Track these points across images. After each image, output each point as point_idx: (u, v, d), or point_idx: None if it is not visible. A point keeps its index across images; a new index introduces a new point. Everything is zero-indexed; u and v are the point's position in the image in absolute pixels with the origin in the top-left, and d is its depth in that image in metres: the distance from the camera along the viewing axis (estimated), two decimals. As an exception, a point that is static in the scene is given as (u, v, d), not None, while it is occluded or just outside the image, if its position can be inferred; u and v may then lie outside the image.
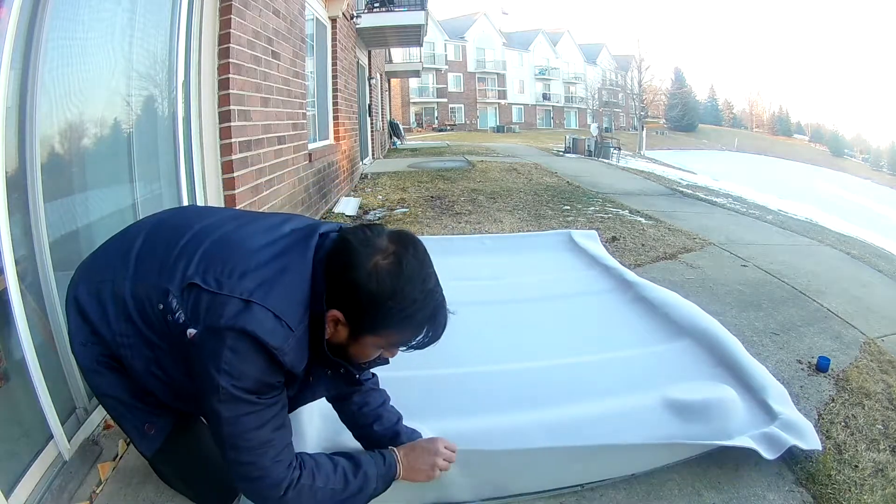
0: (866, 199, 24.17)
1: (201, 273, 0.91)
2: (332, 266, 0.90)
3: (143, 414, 1.11)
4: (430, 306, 0.91)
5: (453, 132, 33.01)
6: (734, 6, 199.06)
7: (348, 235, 0.92)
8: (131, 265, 1.02)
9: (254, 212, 1.15)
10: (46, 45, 1.38)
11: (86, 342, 1.05)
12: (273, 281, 0.89)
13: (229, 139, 2.50)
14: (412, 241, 0.93)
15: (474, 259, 3.11)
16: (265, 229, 1.00)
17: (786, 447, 1.36)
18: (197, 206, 1.15)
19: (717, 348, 1.87)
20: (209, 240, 0.97)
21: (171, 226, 1.07)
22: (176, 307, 0.92)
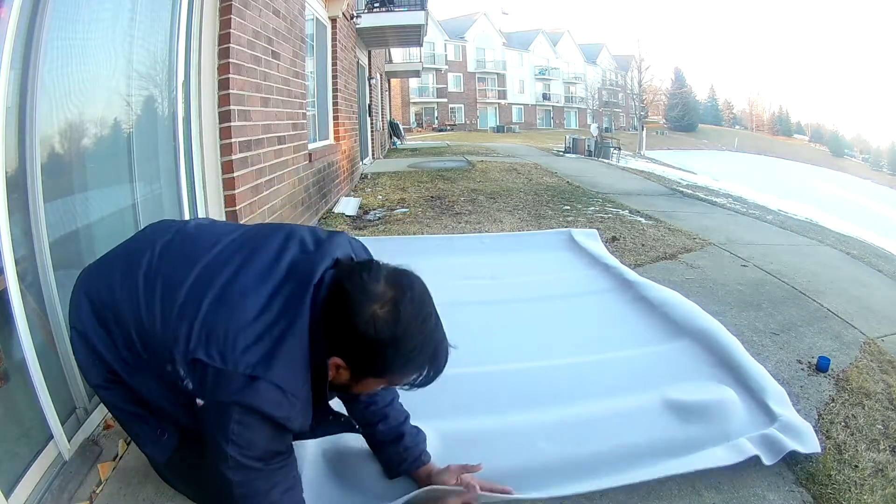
0: (866, 199, 24.17)
1: (204, 344, 0.90)
2: (331, 317, 0.90)
3: (156, 421, 1.12)
4: (430, 348, 0.92)
5: (453, 132, 33.02)
6: (734, 6, 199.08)
7: (344, 282, 0.91)
8: (137, 300, 1.01)
9: (252, 232, 1.11)
10: (46, 45, 1.38)
11: (92, 364, 1.08)
12: (274, 352, 0.89)
13: (229, 139, 2.50)
14: (409, 282, 0.92)
15: (474, 258, 3.11)
16: (262, 273, 0.97)
17: (785, 452, 1.36)
18: (199, 226, 1.11)
19: (717, 348, 1.87)
20: (210, 296, 0.95)
21: (176, 255, 1.06)
22: (184, 375, 0.93)
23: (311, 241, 1.04)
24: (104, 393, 1.12)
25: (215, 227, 1.17)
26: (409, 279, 0.93)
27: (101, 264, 1.13)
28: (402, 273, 0.94)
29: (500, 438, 1.41)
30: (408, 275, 0.94)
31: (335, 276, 0.94)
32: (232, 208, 2.54)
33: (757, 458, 1.35)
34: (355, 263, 0.97)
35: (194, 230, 1.13)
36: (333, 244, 1.03)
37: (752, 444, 1.37)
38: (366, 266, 0.93)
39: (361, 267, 0.93)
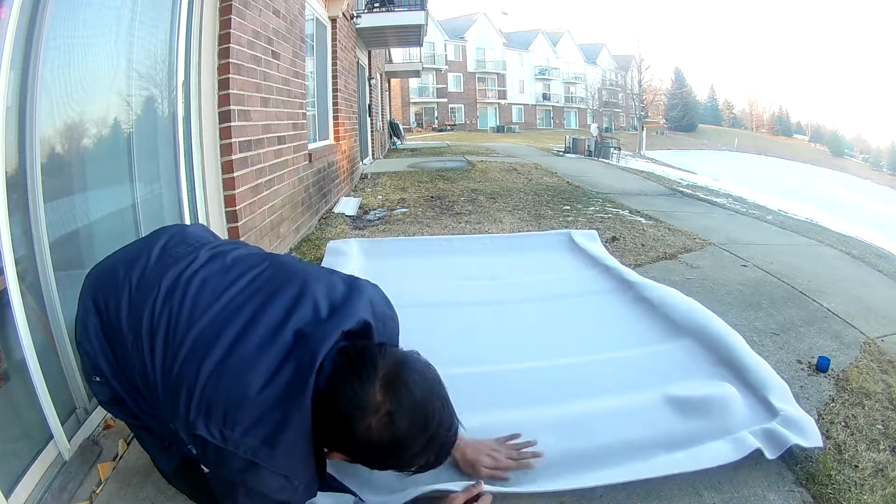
0: (866, 199, 24.17)
1: (204, 418, 0.86)
2: (326, 421, 0.88)
3: (164, 435, 1.11)
4: (433, 447, 0.89)
5: (453, 132, 33.03)
6: (734, 6, 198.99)
7: (337, 392, 0.86)
8: (140, 343, 0.97)
9: (267, 276, 1.04)
10: (46, 45, 1.38)
11: (100, 381, 1.06)
12: (276, 439, 0.86)
13: (229, 139, 2.50)
14: (408, 383, 0.87)
15: (474, 259, 3.10)
16: (267, 338, 0.91)
17: (787, 446, 1.35)
18: (214, 259, 1.09)
19: (718, 346, 1.87)
20: (210, 361, 0.89)
21: (183, 298, 0.99)
22: (187, 441, 0.91)
23: (325, 306, 0.97)
24: (113, 408, 1.11)
25: (231, 265, 1.07)
26: (409, 376, 0.87)
27: (111, 278, 1.07)
28: (401, 369, 0.88)
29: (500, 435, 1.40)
30: (407, 369, 0.89)
31: (331, 377, 0.88)
32: (232, 208, 2.54)
33: (758, 455, 1.34)
34: (353, 357, 0.90)
35: (209, 268, 1.05)
36: (348, 312, 0.97)
37: (754, 438, 1.37)
38: (361, 365, 0.87)
39: (356, 367, 0.87)
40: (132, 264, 1.07)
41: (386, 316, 1.10)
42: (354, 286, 1.04)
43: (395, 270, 2.83)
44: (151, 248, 1.10)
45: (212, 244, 1.15)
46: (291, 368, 0.88)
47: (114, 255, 1.16)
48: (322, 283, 1.02)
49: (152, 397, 0.97)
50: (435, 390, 0.89)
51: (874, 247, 5.03)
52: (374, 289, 1.10)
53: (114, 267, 1.09)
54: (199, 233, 1.23)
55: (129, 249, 1.14)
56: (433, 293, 2.47)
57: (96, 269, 1.13)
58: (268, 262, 1.08)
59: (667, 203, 5.72)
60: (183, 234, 1.18)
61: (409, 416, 0.84)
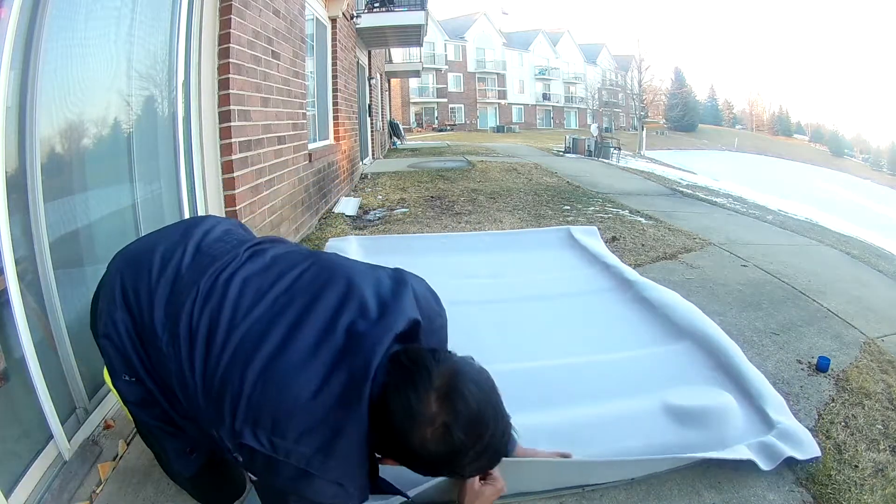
0: (866, 199, 24.17)
1: (251, 427, 0.82)
2: (381, 430, 0.84)
3: (189, 440, 1.09)
4: (488, 454, 0.86)
5: (453, 132, 33.01)
6: (734, 6, 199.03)
7: (391, 401, 0.82)
8: (179, 348, 0.92)
9: (311, 275, 0.98)
10: (46, 45, 1.38)
11: (132, 380, 1.02)
12: (331, 447, 0.82)
13: (229, 139, 2.50)
14: (464, 392, 0.82)
15: (474, 257, 3.10)
16: (317, 341, 0.87)
17: (782, 458, 1.36)
18: (256, 256, 1.04)
19: (717, 352, 1.87)
20: (255, 366, 0.85)
21: (223, 298, 0.95)
22: (232, 449, 0.86)
23: (375, 304, 0.93)
24: (137, 410, 1.06)
25: (271, 263, 1.02)
26: (464, 386, 0.83)
27: (142, 273, 1.01)
28: (456, 378, 0.84)
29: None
30: (463, 378, 0.84)
31: (384, 386, 0.83)
32: (232, 208, 2.54)
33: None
34: (406, 366, 0.85)
35: (248, 267, 1.01)
36: (398, 310, 0.93)
37: (749, 451, 1.37)
38: (415, 374, 0.83)
39: (410, 377, 0.83)
40: (166, 261, 1.02)
41: (433, 312, 1.06)
42: (401, 281, 1.00)
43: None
44: (186, 245, 1.05)
45: (250, 241, 1.10)
46: (345, 374, 0.84)
47: (142, 245, 1.10)
48: (369, 279, 0.98)
49: (190, 402, 0.93)
50: (490, 398, 0.85)
51: (874, 247, 5.03)
52: (420, 282, 1.07)
53: (145, 261, 1.03)
54: (235, 228, 1.19)
55: (160, 242, 1.07)
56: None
57: (124, 260, 1.06)
58: (311, 259, 1.04)
59: (667, 203, 5.72)
60: (218, 229, 1.13)
61: (464, 427, 0.81)
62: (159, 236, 1.12)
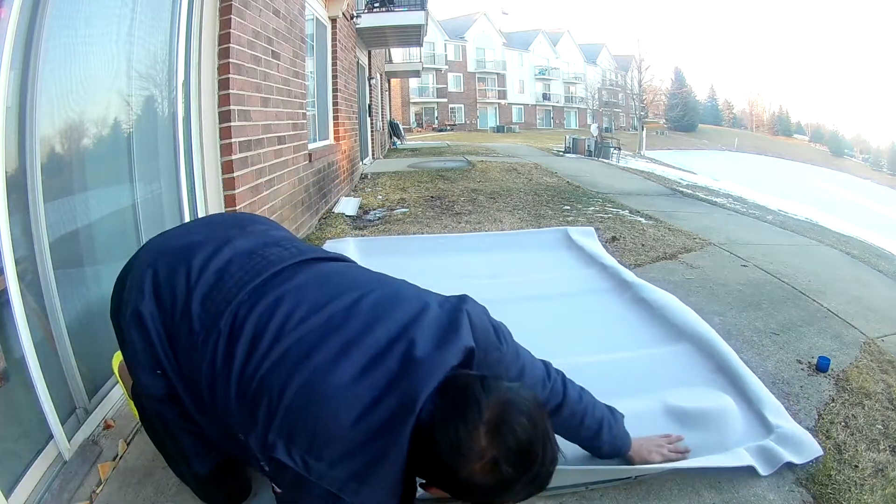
0: (866, 199, 24.17)
1: (285, 441, 0.79)
2: (426, 464, 0.82)
3: (205, 436, 1.07)
4: (535, 485, 0.83)
5: (453, 132, 33.02)
6: (734, 6, 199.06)
7: (438, 433, 0.79)
8: (216, 343, 0.90)
9: (375, 297, 0.95)
10: (46, 45, 1.38)
11: (156, 373, 0.99)
12: (367, 475, 0.80)
13: (229, 139, 2.50)
14: (511, 427, 0.78)
15: (472, 257, 3.10)
16: (370, 363, 0.84)
17: (781, 463, 1.36)
18: (319, 268, 1.03)
19: (715, 355, 1.87)
20: (299, 378, 0.82)
21: (273, 304, 0.92)
22: (260, 458, 0.84)
23: (433, 334, 0.89)
24: (158, 405, 1.02)
25: (330, 279, 1.01)
26: (514, 419, 0.79)
27: (180, 267, 0.99)
28: (506, 410, 0.80)
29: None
30: (513, 410, 0.80)
31: (432, 416, 0.80)
32: (232, 208, 2.54)
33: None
34: (454, 397, 0.82)
35: (305, 279, 0.98)
36: (455, 339, 0.90)
37: (749, 455, 1.37)
38: (464, 407, 0.80)
39: (459, 410, 0.80)
40: (210, 256, 0.99)
41: (490, 344, 1.01)
42: (460, 309, 0.96)
43: (392, 269, 2.79)
44: (234, 244, 1.03)
45: (313, 253, 1.07)
46: (394, 402, 0.81)
47: (183, 238, 1.07)
48: (432, 309, 0.95)
49: (218, 403, 0.90)
50: (538, 428, 0.82)
51: (874, 247, 5.03)
52: (480, 312, 1.02)
53: (185, 256, 1.00)
54: (293, 238, 1.15)
55: (204, 236, 1.05)
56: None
57: (160, 253, 1.04)
58: (375, 282, 1.01)
59: (667, 203, 5.72)
60: (277, 234, 1.11)
61: (514, 460, 0.78)
62: (197, 230, 1.09)
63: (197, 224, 1.15)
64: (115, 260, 1.83)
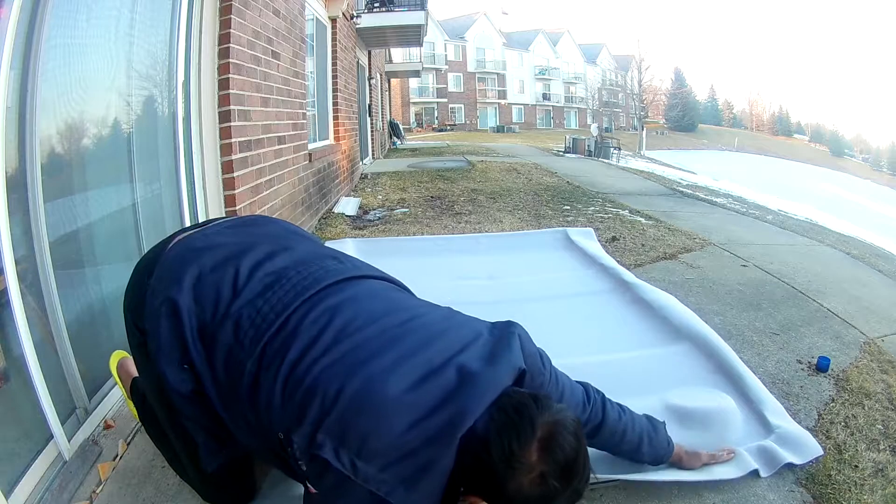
0: (866, 199, 24.17)
1: (334, 442, 0.80)
2: (474, 473, 0.85)
3: (224, 438, 1.07)
4: (573, 499, 0.88)
5: (453, 132, 33.01)
6: (734, 6, 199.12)
7: (492, 449, 0.82)
8: (270, 338, 0.91)
9: (431, 318, 1.01)
10: (46, 45, 1.38)
11: (184, 367, 0.98)
12: (414, 480, 0.82)
13: (229, 139, 2.50)
14: (560, 445, 0.84)
15: (471, 258, 3.10)
16: (425, 375, 0.87)
17: (781, 464, 1.36)
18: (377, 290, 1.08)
19: (715, 355, 1.87)
20: (355, 384, 0.83)
21: (336, 308, 0.95)
22: (298, 456, 0.85)
23: (490, 353, 0.94)
24: (179, 399, 1.01)
25: (389, 297, 1.06)
26: (564, 438, 0.85)
27: (227, 270, 1.00)
28: (557, 429, 0.85)
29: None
30: (562, 430, 0.85)
31: (486, 429, 0.84)
32: (232, 208, 2.54)
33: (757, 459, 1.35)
34: (510, 414, 0.86)
35: (369, 291, 1.03)
36: (509, 359, 0.94)
37: (750, 457, 1.37)
38: (519, 423, 0.84)
39: (514, 425, 0.84)
40: (261, 260, 1.02)
41: (536, 370, 1.07)
42: (510, 332, 1.03)
43: (391, 270, 2.79)
44: (290, 251, 1.06)
45: (370, 268, 1.14)
46: (447, 414, 0.84)
47: (220, 237, 1.08)
48: (484, 330, 1.02)
49: (257, 400, 0.90)
50: (581, 448, 0.87)
51: (874, 247, 5.03)
52: (528, 339, 1.10)
53: (232, 256, 1.02)
54: (335, 250, 1.19)
55: (250, 240, 1.07)
56: (429, 293, 2.45)
57: (208, 247, 1.04)
58: (428, 307, 1.07)
59: (667, 203, 5.72)
60: (320, 246, 1.16)
61: (559, 476, 0.84)
62: (247, 234, 1.11)
63: (239, 225, 1.15)
64: (115, 260, 1.83)
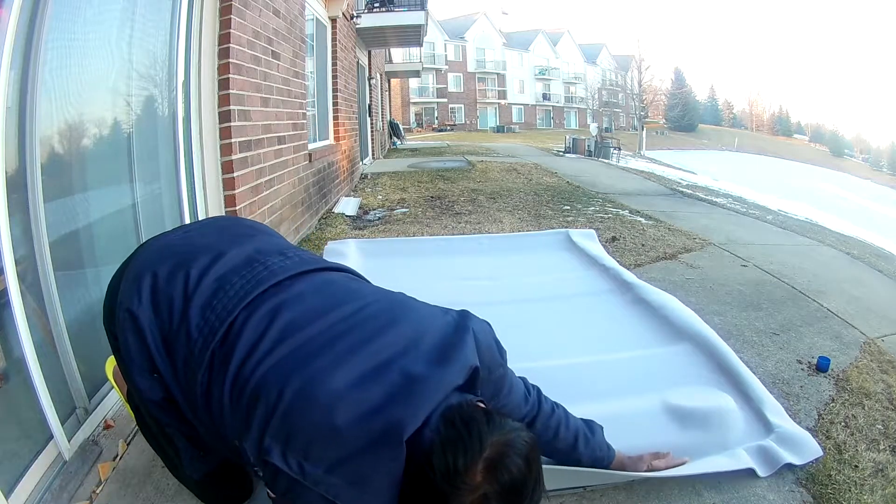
0: (866, 199, 24.18)
1: (280, 445, 0.79)
2: (417, 487, 0.81)
3: (201, 440, 1.06)
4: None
5: (453, 132, 33.02)
6: (734, 6, 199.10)
7: (434, 464, 0.78)
8: (215, 347, 0.89)
9: (372, 310, 0.95)
10: (46, 45, 1.38)
11: (153, 377, 0.98)
12: (362, 483, 0.79)
13: (229, 139, 2.50)
14: (507, 468, 0.78)
15: (472, 259, 3.10)
16: (370, 373, 0.84)
17: (781, 464, 1.36)
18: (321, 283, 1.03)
19: (715, 355, 1.87)
20: (294, 384, 0.81)
21: (274, 309, 0.92)
22: (253, 461, 0.83)
23: (437, 350, 0.90)
24: (154, 408, 1.01)
25: (332, 289, 1.01)
26: (512, 461, 0.79)
27: (178, 274, 0.98)
28: (506, 450, 0.80)
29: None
30: (512, 452, 0.80)
31: (432, 442, 0.80)
32: (232, 208, 2.54)
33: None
34: (458, 428, 0.81)
35: (305, 287, 0.99)
36: (460, 358, 0.90)
37: (748, 456, 1.37)
38: (466, 439, 0.79)
39: (461, 441, 0.79)
40: (209, 264, 0.99)
41: (494, 362, 1.02)
42: (464, 327, 0.97)
43: (392, 271, 2.83)
44: (238, 251, 1.02)
45: (316, 264, 1.07)
46: (393, 415, 0.80)
47: (183, 243, 1.06)
48: (437, 324, 0.96)
49: (212, 409, 0.89)
50: (532, 470, 0.82)
51: (874, 247, 5.03)
52: (484, 329, 1.03)
53: (186, 262, 0.99)
54: (289, 243, 1.14)
55: (201, 242, 1.05)
56: (431, 294, 2.46)
57: (160, 256, 1.02)
58: (378, 295, 1.02)
59: (667, 203, 5.72)
60: (278, 242, 1.11)
61: (503, 499, 0.79)
62: (199, 235, 1.08)
63: (197, 228, 1.14)
64: (115, 260, 1.82)
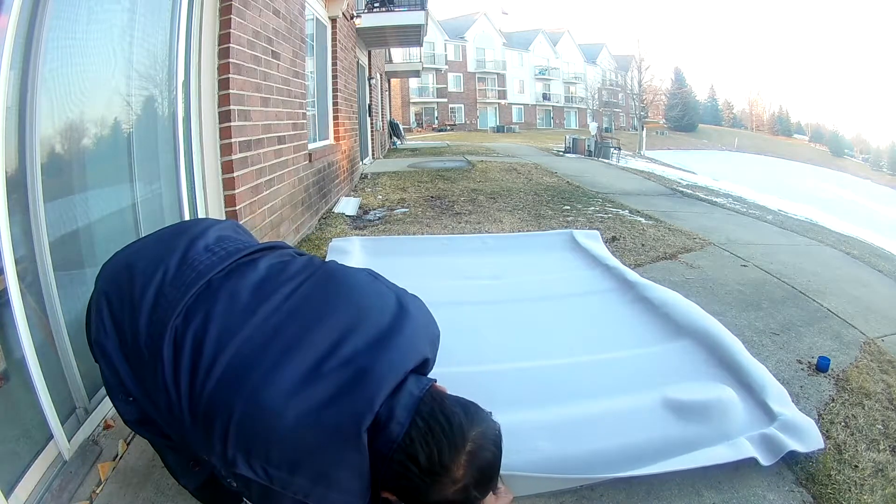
0: (866, 199, 24.17)
1: (243, 454, 0.79)
2: (396, 478, 0.82)
3: (189, 452, 1.05)
4: (483, 498, 0.87)
5: (453, 132, 33.02)
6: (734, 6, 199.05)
7: (419, 454, 0.80)
8: (162, 367, 0.87)
9: (308, 289, 0.94)
10: (46, 45, 1.38)
11: (131, 400, 0.99)
12: (329, 477, 0.80)
13: (229, 139, 2.50)
14: (485, 457, 0.83)
15: (475, 259, 3.10)
16: (314, 366, 0.83)
17: (784, 452, 1.36)
18: (246, 271, 0.98)
19: (718, 348, 1.87)
20: (244, 393, 0.80)
21: (211, 313, 0.90)
22: (225, 475, 0.86)
23: (380, 334, 0.88)
24: (137, 428, 1.04)
25: (265, 277, 0.96)
26: (487, 449, 0.84)
27: (126, 291, 0.96)
28: (482, 440, 0.84)
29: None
30: (486, 439, 0.84)
31: (409, 434, 0.81)
32: (232, 208, 2.54)
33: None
34: (442, 424, 0.83)
35: (237, 281, 0.95)
36: (409, 345, 0.90)
37: (751, 445, 1.37)
38: (450, 435, 0.82)
39: (445, 437, 0.82)
40: (148, 277, 0.95)
41: (433, 336, 1.01)
42: (406, 309, 0.95)
43: (396, 269, 2.81)
44: (170, 257, 0.98)
45: (242, 251, 1.02)
46: (345, 406, 0.80)
47: (124, 259, 1.03)
48: (375, 304, 0.94)
49: (178, 425, 0.88)
50: (500, 454, 0.87)
51: (874, 247, 5.03)
52: (418, 306, 1.00)
53: (125, 279, 0.97)
54: (232, 234, 1.11)
55: (146, 253, 1.02)
56: (434, 292, 2.46)
57: (108, 280, 1.00)
58: (307, 271, 0.98)
59: (667, 203, 5.72)
60: (210, 236, 1.05)
61: (480, 485, 0.84)
62: (142, 247, 1.06)
63: (140, 241, 1.11)
64: (115, 260, 1.83)
